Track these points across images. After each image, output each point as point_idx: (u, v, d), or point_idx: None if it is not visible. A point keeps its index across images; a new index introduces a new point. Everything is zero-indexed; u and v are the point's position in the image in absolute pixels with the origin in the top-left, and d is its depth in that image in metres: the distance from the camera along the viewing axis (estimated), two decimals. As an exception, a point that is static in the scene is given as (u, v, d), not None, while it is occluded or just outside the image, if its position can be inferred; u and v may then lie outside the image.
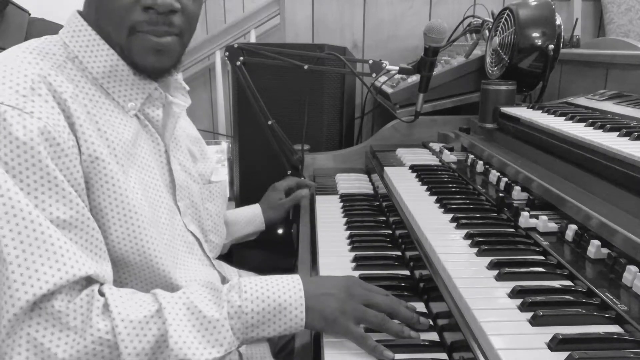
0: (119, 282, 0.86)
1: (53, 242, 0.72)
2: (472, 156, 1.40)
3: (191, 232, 1.01)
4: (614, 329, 0.66)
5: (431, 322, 0.85)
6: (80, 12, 0.90)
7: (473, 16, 2.19)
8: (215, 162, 1.21)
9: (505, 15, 1.60)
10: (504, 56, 1.57)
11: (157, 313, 0.76)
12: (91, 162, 0.80)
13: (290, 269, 1.87)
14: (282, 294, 0.80)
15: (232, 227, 1.35)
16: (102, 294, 0.76)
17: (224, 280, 1.07)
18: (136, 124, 0.91)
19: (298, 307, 0.80)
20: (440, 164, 1.48)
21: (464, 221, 1.01)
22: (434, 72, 1.61)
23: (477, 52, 1.84)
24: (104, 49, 0.87)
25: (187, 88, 1.03)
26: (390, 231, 1.22)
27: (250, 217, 1.40)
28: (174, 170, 0.97)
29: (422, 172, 1.36)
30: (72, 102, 0.80)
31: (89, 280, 0.77)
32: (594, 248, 0.81)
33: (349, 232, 1.20)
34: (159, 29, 0.85)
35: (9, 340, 0.70)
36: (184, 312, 0.76)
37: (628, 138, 0.99)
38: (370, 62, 1.57)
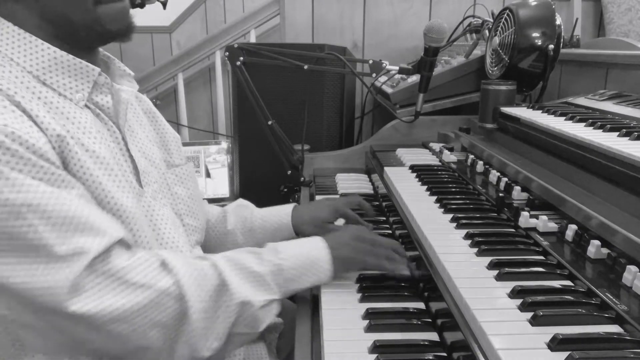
0: None
1: (82, 214, 0.76)
2: (472, 156, 1.40)
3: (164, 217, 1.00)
4: (614, 329, 0.66)
5: (430, 320, 0.85)
6: (2, 17, 0.88)
7: (473, 16, 2.19)
8: (183, 151, 1.17)
9: (505, 15, 1.60)
10: (504, 56, 1.57)
11: (212, 266, 0.86)
12: (59, 148, 0.80)
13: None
14: (312, 250, 0.96)
15: (259, 236, 1.23)
16: (157, 254, 0.84)
17: None
18: (89, 115, 0.89)
19: (327, 260, 0.95)
20: (440, 164, 1.49)
21: (464, 221, 1.01)
22: (434, 72, 1.61)
23: (477, 52, 1.84)
24: (37, 44, 0.85)
25: (132, 73, 1.02)
26: (390, 231, 1.22)
27: (277, 227, 1.24)
28: (134, 156, 0.96)
29: (422, 172, 1.36)
30: (26, 103, 0.79)
31: (127, 244, 0.82)
32: (594, 248, 0.81)
33: (349, 232, 1.20)
34: None
35: (75, 298, 0.74)
36: (233, 266, 0.88)
37: (628, 138, 0.99)
38: (370, 62, 1.57)
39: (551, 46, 1.50)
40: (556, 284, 0.77)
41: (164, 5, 1.32)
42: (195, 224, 1.10)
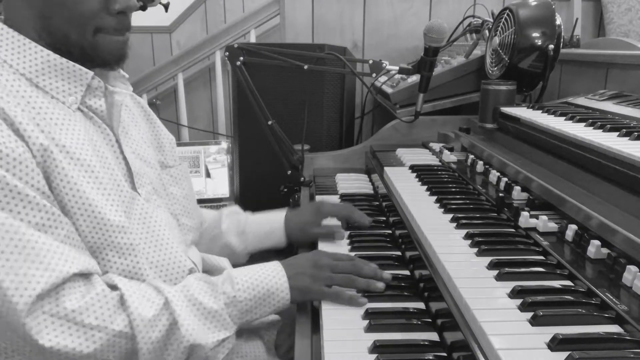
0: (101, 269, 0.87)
1: (35, 245, 0.75)
2: (472, 156, 1.40)
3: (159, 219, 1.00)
4: (614, 329, 0.66)
5: (430, 320, 0.85)
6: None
7: (473, 16, 2.19)
8: (176, 151, 1.16)
9: (505, 15, 1.60)
10: (504, 56, 1.57)
11: (165, 305, 0.84)
12: (42, 158, 0.80)
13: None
14: (268, 281, 0.93)
15: (250, 239, 1.25)
16: (115, 287, 0.82)
17: (192, 270, 1.05)
18: (81, 118, 0.89)
19: (284, 289, 0.93)
20: (440, 164, 1.49)
21: (464, 221, 1.01)
22: (434, 72, 1.61)
23: (477, 52, 1.84)
24: (30, 47, 0.85)
25: (127, 75, 1.02)
26: (390, 231, 1.22)
27: (270, 230, 1.26)
28: (128, 158, 0.96)
29: (422, 172, 1.36)
30: (10, 109, 0.79)
31: (86, 275, 0.80)
32: (594, 248, 0.81)
33: (349, 232, 1.20)
34: (122, 32, 0.90)
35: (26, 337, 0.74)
36: (187, 303, 0.86)
37: (628, 138, 0.99)
38: (370, 62, 1.57)
39: (551, 46, 1.50)
40: (556, 284, 0.77)
41: (166, 8, 1.33)
42: (190, 223, 1.11)
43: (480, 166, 1.33)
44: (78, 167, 0.84)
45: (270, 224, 1.26)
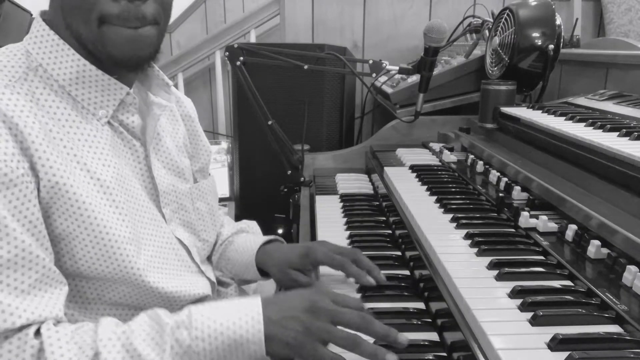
0: (102, 296, 0.84)
1: None
2: (472, 156, 1.40)
3: (179, 240, 0.96)
4: (614, 329, 0.66)
5: (430, 320, 0.85)
6: (44, 17, 0.84)
7: (473, 16, 2.19)
8: (212, 151, 1.13)
9: (505, 15, 1.60)
10: (504, 56, 1.57)
11: (95, 357, 0.69)
12: (52, 188, 0.75)
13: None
14: (238, 328, 0.72)
15: (233, 270, 1.13)
16: (39, 334, 0.70)
17: (213, 286, 1.03)
18: (109, 133, 0.85)
19: (256, 341, 0.72)
20: (440, 164, 1.48)
21: (464, 221, 1.01)
22: (434, 72, 1.61)
23: (477, 52, 1.84)
24: (68, 54, 0.81)
25: (171, 83, 0.97)
26: (390, 231, 1.22)
27: (246, 265, 1.10)
28: (155, 176, 0.91)
29: (422, 172, 1.36)
30: (27, 125, 0.74)
31: (26, 326, 0.70)
32: (594, 248, 0.81)
33: (349, 232, 1.20)
34: (132, 23, 0.78)
35: None
36: (122, 357, 0.69)
37: (628, 138, 0.99)
38: (370, 62, 1.57)
39: (551, 46, 1.50)
40: (556, 284, 0.77)
41: None
42: (210, 240, 1.07)
43: (480, 166, 1.33)
44: (97, 187, 0.80)
45: (247, 256, 1.09)
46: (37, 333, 0.70)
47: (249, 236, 1.14)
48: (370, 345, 0.72)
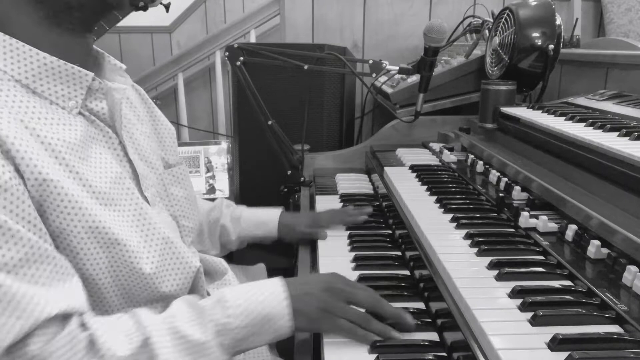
0: (99, 295, 0.83)
1: (8, 290, 0.66)
2: (472, 156, 1.40)
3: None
4: (614, 329, 0.66)
5: (430, 320, 0.85)
6: None
7: (473, 16, 2.19)
8: (177, 146, 1.13)
9: (505, 15, 1.60)
10: (504, 56, 1.57)
11: (144, 344, 0.73)
12: (39, 186, 0.74)
13: (290, 269, 1.87)
14: (267, 304, 0.79)
15: (243, 225, 1.29)
16: (85, 326, 0.72)
17: (198, 271, 1.01)
18: (82, 123, 0.84)
19: (285, 315, 0.79)
20: (440, 164, 1.49)
21: (464, 221, 1.01)
22: (434, 72, 1.61)
23: (477, 52, 1.84)
24: (25, 50, 0.79)
25: (124, 67, 0.95)
26: (390, 231, 1.22)
27: (264, 220, 1.31)
28: (133, 160, 0.91)
29: (422, 172, 1.36)
30: (3, 128, 0.72)
31: (64, 317, 0.71)
32: (594, 248, 0.81)
33: (349, 232, 1.21)
34: None
35: None
36: (170, 339, 0.75)
37: (628, 138, 0.99)
38: (370, 62, 1.57)
39: (551, 46, 1.50)
40: (556, 284, 0.77)
41: (167, 8, 1.31)
42: (190, 225, 1.08)
43: (480, 166, 1.33)
44: (77, 180, 0.79)
45: (266, 215, 1.31)
46: (82, 325, 0.72)
47: (263, 208, 1.32)
48: (379, 324, 0.81)
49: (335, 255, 1.09)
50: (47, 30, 0.82)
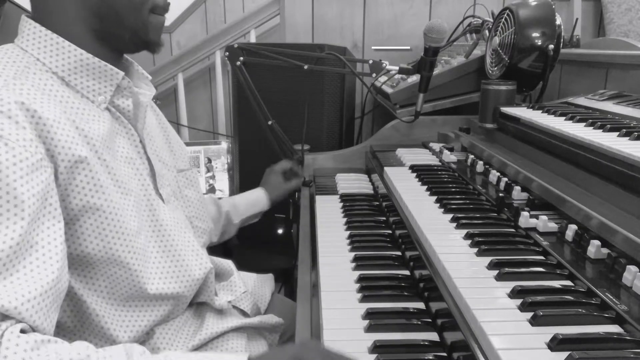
0: (92, 282, 0.86)
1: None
2: (472, 156, 1.40)
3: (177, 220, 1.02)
4: (614, 329, 0.66)
5: (430, 320, 0.85)
6: (30, 17, 0.88)
7: (473, 16, 2.19)
8: (187, 150, 1.21)
9: (505, 15, 1.60)
10: (504, 56, 1.57)
11: None
12: (71, 166, 0.78)
13: (290, 269, 1.87)
14: None
15: (239, 208, 1.44)
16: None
17: (210, 272, 1.04)
18: (109, 117, 0.90)
19: None
20: (440, 164, 1.48)
21: (464, 221, 1.01)
22: (434, 72, 1.61)
23: (477, 52, 1.84)
24: (64, 46, 0.86)
25: (150, 77, 1.03)
26: (390, 231, 1.22)
27: (255, 200, 1.50)
28: (151, 159, 0.98)
29: (422, 172, 1.36)
30: (44, 110, 0.77)
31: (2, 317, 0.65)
32: (594, 248, 0.81)
33: (349, 232, 1.20)
34: (167, 9, 0.95)
35: None
36: None
37: (628, 138, 0.99)
38: (370, 62, 1.57)
39: (551, 46, 1.50)
40: (556, 284, 0.77)
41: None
42: (203, 226, 1.13)
43: (480, 166, 1.33)
44: (104, 168, 0.85)
45: (254, 195, 1.52)
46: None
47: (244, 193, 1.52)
48: None
49: (336, 255, 1.09)
50: (91, 40, 0.89)
